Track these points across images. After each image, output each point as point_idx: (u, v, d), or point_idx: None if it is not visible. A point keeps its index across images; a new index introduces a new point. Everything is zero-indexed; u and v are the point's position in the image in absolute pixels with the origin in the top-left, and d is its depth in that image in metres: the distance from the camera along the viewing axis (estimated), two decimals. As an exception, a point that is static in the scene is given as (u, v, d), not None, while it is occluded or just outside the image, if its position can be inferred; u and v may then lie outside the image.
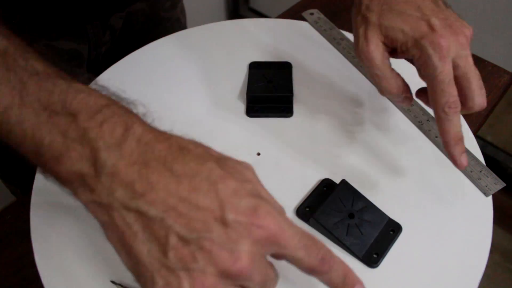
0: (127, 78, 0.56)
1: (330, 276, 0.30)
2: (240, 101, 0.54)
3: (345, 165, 0.48)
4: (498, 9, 1.26)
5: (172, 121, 0.52)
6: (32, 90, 0.29)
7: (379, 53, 0.41)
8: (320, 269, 0.30)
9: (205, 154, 0.30)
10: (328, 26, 0.64)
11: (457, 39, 0.39)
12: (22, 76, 0.29)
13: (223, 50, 0.59)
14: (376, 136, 0.51)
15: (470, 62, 0.40)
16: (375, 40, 0.40)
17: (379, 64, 0.41)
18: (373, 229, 0.42)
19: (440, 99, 0.38)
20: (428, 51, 0.38)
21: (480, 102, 0.39)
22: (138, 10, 0.69)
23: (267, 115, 0.52)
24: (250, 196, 0.28)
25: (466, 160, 0.39)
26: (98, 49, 0.67)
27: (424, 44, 0.39)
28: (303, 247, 0.29)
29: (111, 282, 0.40)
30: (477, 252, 0.42)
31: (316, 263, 0.29)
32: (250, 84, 0.54)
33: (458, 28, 0.40)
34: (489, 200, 0.46)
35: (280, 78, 0.54)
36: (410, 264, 0.41)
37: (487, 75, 0.65)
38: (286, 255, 0.29)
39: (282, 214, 0.29)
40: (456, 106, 0.38)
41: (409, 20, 0.40)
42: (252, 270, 0.27)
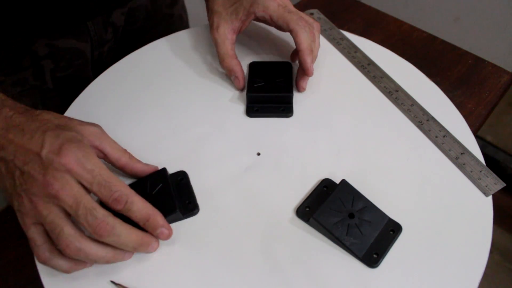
0: (127, 78, 0.56)
1: (130, 216, 0.39)
2: (240, 101, 0.54)
3: (345, 165, 0.48)
4: (498, 9, 1.26)
5: (171, 120, 0.52)
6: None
7: (223, 38, 0.53)
8: (114, 207, 0.38)
9: (51, 118, 0.41)
10: (328, 26, 0.64)
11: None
12: None
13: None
14: (376, 136, 0.51)
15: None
16: (222, 28, 0.53)
17: (221, 45, 0.53)
18: (373, 229, 0.42)
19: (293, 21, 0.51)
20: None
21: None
22: (140, 6, 0.69)
23: (267, 115, 0.52)
24: (65, 139, 0.38)
25: (313, 69, 0.52)
26: (101, 48, 0.67)
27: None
28: (97, 183, 0.38)
29: (111, 282, 0.40)
30: (477, 252, 0.42)
31: (109, 201, 0.38)
32: (250, 84, 0.53)
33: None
34: (489, 200, 0.46)
35: (280, 78, 0.54)
36: (410, 264, 0.41)
37: (487, 75, 0.65)
38: (88, 189, 0.38)
39: (86, 155, 0.38)
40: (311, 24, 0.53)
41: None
42: (62, 194, 0.36)
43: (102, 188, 0.38)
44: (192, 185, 0.46)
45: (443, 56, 0.68)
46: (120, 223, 0.38)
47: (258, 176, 0.47)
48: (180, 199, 0.45)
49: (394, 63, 0.58)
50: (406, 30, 0.72)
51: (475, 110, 0.61)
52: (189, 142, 0.50)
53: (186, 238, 0.43)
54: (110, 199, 0.38)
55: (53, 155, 0.37)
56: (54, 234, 0.37)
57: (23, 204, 0.38)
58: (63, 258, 0.39)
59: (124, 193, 0.38)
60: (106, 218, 0.37)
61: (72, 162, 0.37)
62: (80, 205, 0.37)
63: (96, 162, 0.39)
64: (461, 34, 1.32)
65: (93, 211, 0.37)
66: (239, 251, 0.42)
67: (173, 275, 0.41)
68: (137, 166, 0.44)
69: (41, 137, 0.38)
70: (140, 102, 0.54)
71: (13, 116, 0.40)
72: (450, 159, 0.49)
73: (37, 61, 0.61)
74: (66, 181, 0.37)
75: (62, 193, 0.37)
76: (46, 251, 0.38)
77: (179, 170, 0.47)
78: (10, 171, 0.39)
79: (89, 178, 0.38)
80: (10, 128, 0.39)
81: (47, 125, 0.40)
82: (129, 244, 0.39)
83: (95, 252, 0.38)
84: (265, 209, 0.45)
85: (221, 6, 0.54)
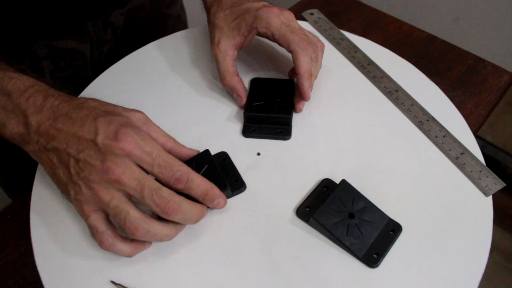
0: (126, 79, 0.56)
1: (189, 193, 0.40)
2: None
3: (345, 165, 0.48)
4: (498, 9, 1.26)
5: (171, 120, 0.52)
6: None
7: (224, 54, 0.52)
8: (176, 186, 0.39)
9: (97, 105, 0.41)
10: (328, 26, 0.64)
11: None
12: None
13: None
14: (376, 136, 0.51)
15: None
16: (223, 43, 0.52)
17: (221, 62, 0.52)
18: (373, 229, 0.42)
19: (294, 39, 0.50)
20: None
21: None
22: (139, 7, 0.69)
23: (264, 137, 0.50)
24: (118, 124, 0.38)
25: (310, 94, 0.50)
26: (100, 49, 0.67)
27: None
28: (157, 165, 0.38)
29: (111, 282, 0.40)
30: (477, 252, 0.42)
31: (171, 181, 0.39)
32: (249, 103, 0.52)
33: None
34: (489, 200, 0.46)
35: (281, 97, 0.52)
36: (410, 264, 0.41)
37: (487, 75, 0.65)
38: (147, 171, 0.38)
39: (143, 138, 0.38)
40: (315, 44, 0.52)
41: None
42: (123, 177, 0.37)
43: (163, 169, 0.38)
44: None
45: (443, 56, 0.68)
46: (185, 200, 0.39)
47: (258, 176, 0.47)
48: (227, 177, 0.46)
49: (394, 63, 0.58)
50: (406, 30, 0.72)
51: (475, 110, 0.61)
52: (189, 142, 0.50)
53: (186, 238, 0.43)
54: (172, 179, 0.39)
55: (110, 140, 0.37)
56: (121, 218, 0.37)
57: (82, 192, 0.38)
58: (125, 242, 0.40)
59: (184, 172, 0.39)
60: (173, 196, 0.38)
61: (132, 146, 0.37)
62: (145, 186, 0.37)
63: (153, 144, 0.39)
64: (461, 34, 1.32)
65: (159, 191, 0.38)
66: (239, 251, 0.42)
67: (173, 275, 0.41)
68: (183, 150, 0.45)
69: (93, 124, 0.38)
70: (139, 102, 0.54)
71: (60, 105, 0.40)
72: (450, 159, 0.49)
73: (36, 62, 0.61)
74: (126, 165, 0.37)
75: (125, 177, 0.37)
76: (110, 237, 0.39)
77: (221, 151, 0.48)
78: (63, 161, 0.39)
79: (149, 160, 0.38)
80: (58, 117, 0.40)
81: (96, 111, 0.40)
82: (193, 218, 0.40)
83: (161, 231, 0.39)
84: (265, 209, 0.45)
85: (223, 21, 0.52)
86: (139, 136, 0.38)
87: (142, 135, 0.39)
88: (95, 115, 0.39)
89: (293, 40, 0.49)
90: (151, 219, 0.38)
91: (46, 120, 0.40)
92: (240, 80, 0.52)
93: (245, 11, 0.51)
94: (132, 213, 0.37)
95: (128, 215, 0.37)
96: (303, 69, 0.49)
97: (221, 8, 0.53)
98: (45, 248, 0.42)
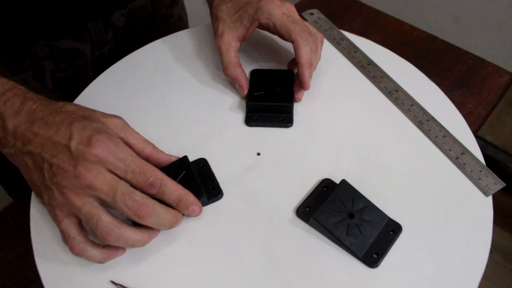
0: (127, 78, 0.56)
1: (163, 198, 0.40)
2: (242, 97, 0.54)
3: (345, 165, 0.48)
4: (498, 9, 1.26)
5: (171, 121, 0.52)
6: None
7: (227, 45, 0.53)
8: (150, 192, 0.39)
9: (75, 110, 0.41)
10: (328, 26, 0.64)
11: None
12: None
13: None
14: (376, 136, 0.51)
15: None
16: (226, 35, 0.53)
17: (224, 53, 0.53)
18: (373, 229, 0.42)
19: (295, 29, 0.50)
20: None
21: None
22: (140, 7, 0.69)
23: (266, 125, 0.51)
24: (93, 130, 0.38)
25: (310, 83, 0.51)
26: (101, 49, 0.67)
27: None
28: (131, 171, 0.38)
29: (111, 282, 0.40)
30: (477, 252, 0.42)
31: (144, 187, 0.39)
32: (250, 93, 0.53)
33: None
34: (489, 200, 0.46)
35: (281, 87, 0.53)
36: (410, 264, 0.41)
37: (487, 75, 0.65)
38: (121, 177, 0.38)
39: (116, 145, 0.39)
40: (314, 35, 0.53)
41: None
42: (95, 183, 0.37)
43: (137, 175, 0.39)
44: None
45: (443, 56, 0.68)
46: (158, 204, 0.39)
47: (258, 176, 0.47)
48: (204, 185, 0.45)
49: (394, 63, 0.58)
50: (406, 30, 0.72)
51: (475, 110, 0.61)
52: (189, 142, 0.50)
53: (186, 238, 0.43)
54: (145, 184, 0.39)
55: (83, 146, 0.37)
56: (92, 223, 0.37)
57: (54, 197, 0.38)
58: (97, 248, 0.39)
59: (158, 177, 0.39)
60: (145, 200, 0.38)
61: (105, 152, 0.37)
62: (117, 190, 0.37)
63: (126, 150, 0.39)
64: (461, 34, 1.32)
65: (131, 195, 0.38)
66: (239, 251, 0.42)
67: (173, 275, 0.41)
68: (161, 156, 0.45)
69: (68, 129, 0.38)
70: (139, 102, 0.54)
71: (37, 109, 0.40)
72: (450, 159, 0.49)
73: (37, 62, 0.61)
74: (98, 171, 0.37)
75: (96, 182, 0.37)
76: (81, 243, 0.39)
77: (199, 158, 0.48)
78: (37, 165, 0.39)
79: (122, 167, 0.38)
80: (35, 121, 0.40)
81: (72, 116, 0.40)
82: (166, 223, 0.40)
83: (133, 236, 0.39)
84: (265, 209, 0.45)
85: (225, 13, 0.54)
86: (112, 142, 0.38)
87: (115, 142, 0.39)
88: (71, 119, 0.39)
89: (294, 30, 0.50)
90: (124, 224, 0.38)
91: (23, 124, 0.40)
92: (243, 71, 0.53)
93: (247, 3, 0.52)
94: (104, 218, 0.37)
95: (100, 220, 0.37)
96: (304, 59, 0.50)
97: (223, 1, 0.54)
98: (45, 248, 0.42)
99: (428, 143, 0.50)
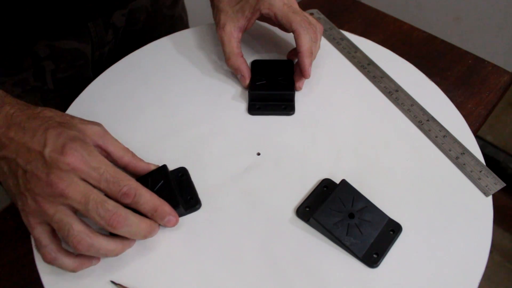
0: (127, 78, 0.56)
1: (138, 208, 0.39)
2: (241, 99, 0.54)
3: (345, 165, 0.48)
4: (498, 9, 1.26)
5: (171, 120, 0.52)
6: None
7: (229, 36, 0.53)
8: (123, 201, 0.39)
9: (52, 116, 0.40)
10: (328, 26, 0.64)
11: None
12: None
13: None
14: (376, 136, 0.51)
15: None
16: (228, 26, 0.53)
17: (227, 44, 0.53)
18: (373, 229, 0.42)
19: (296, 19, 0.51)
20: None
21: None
22: (140, 7, 0.69)
23: (268, 113, 0.52)
24: (67, 138, 0.38)
25: (310, 72, 0.52)
26: (101, 49, 0.67)
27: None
28: (104, 180, 0.38)
29: (111, 282, 0.40)
30: (477, 252, 0.42)
31: (118, 196, 0.38)
32: (252, 82, 0.54)
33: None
34: (489, 200, 0.46)
35: (282, 76, 0.54)
36: (410, 264, 0.41)
37: (487, 75, 0.65)
38: (95, 186, 0.38)
39: (90, 153, 0.38)
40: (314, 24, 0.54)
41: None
42: (67, 191, 0.36)
43: (111, 184, 0.38)
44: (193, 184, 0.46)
45: (443, 56, 0.68)
46: (131, 213, 0.38)
47: (258, 176, 0.47)
48: (182, 195, 0.45)
49: (394, 63, 0.58)
50: (406, 30, 0.72)
51: (475, 110, 0.61)
52: (189, 142, 0.50)
53: (185, 238, 0.43)
54: (119, 194, 0.38)
55: (56, 154, 0.37)
56: (64, 232, 0.37)
57: (27, 203, 0.37)
58: (69, 257, 0.39)
59: (132, 187, 0.39)
60: (118, 209, 0.38)
61: (78, 161, 0.37)
62: (90, 199, 0.37)
63: (101, 159, 0.39)
64: (461, 34, 1.32)
65: (104, 204, 0.37)
66: (239, 251, 0.42)
67: (173, 275, 0.41)
68: (140, 164, 0.44)
69: (43, 135, 0.38)
70: (140, 102, 0.54)
71: (14, 114, 0.40)
72: (450, 159, 0.49)
73: (38, 62, 0.61)
74: (71, 180, 0.37)
75: (69, 191, 0.36)
76: (52, 252, 0.38)
77: (179, 167, 0.47)
78: (12, 170, 0.38)
79: (96, 176, 0.38)
80: (11, 126, 0.39)
81: (49, 122, 0.39)
82: (140, 233, 0.39)
83: (106, 246, 0.38)
84: (265, 209, 0.45)
85: (227, 5, 0.54)
86: (86, 151, 0.38)
87: (89, 150, 0.38)
88: (47, 126, 0.39)
89: (295, 20, 0.51)
90: (96, 233, 0.38)
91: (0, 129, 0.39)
92: (245, 61, 0.54)
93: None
94: (75, 226, 0.37)
95: (71, 228, 0.37)
96: (305, 47, 0.51)
97: None
98: (45, 248, 0.42)
99: (428, 143, 0.50)
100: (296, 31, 0.51)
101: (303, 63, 0.51)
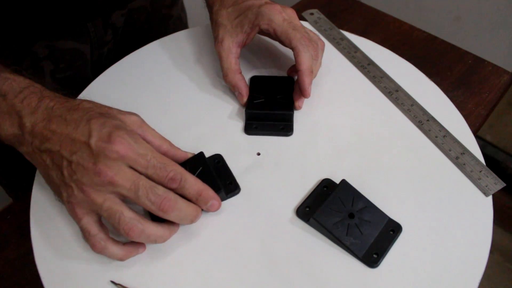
0: (126, 78, 0.56)
1: (183, 193, 0.40)
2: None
3: (345, 165, 0.48)
4: (498, 9, 1.26)
5: (171, 120, 0.52)
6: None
7: (228, 52, 0.52)
8: (170, 186, 0.39)
9: (93, 107, 0.41)
10: (328, 26, 0.64)
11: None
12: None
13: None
14: (376, 136, 0.51)
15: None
16: (226, 41, 0.52)
17: (225, 60, 0.52)
18: (373, 229, 0.42)
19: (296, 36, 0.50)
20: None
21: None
22: (139, 7, 0.69)
23: (266, 133, 0.51)
24: (112, 127, 0.38)
25: (310, 91, 0.50)
26: (101, 49, 0.67)
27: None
28: (151, 166, 0.38)
29: (111, 282, 0.40)
30: (477, 252, 0.42)
31: (165, 181, 0.39)
32: (250, 100, 0.52)
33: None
34: (489, 200, 0.46)
35: (282, 94, 0.52)
36: (410, 264, 0.41)
37: (487, 75, 0.65)
38: (141, 173, 0.38)
39: (137, 141, 0.39)
40: (315, 41, 0.53)
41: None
42: (116, 179, 0.37)
43: (158, 170, 0.39)
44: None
45: (443, 56, 0.68)
46: (180, 198, 0.39)
47: (258, 176, 0.47)
48: (221, 180, 0.45)
49: (394, 63, 0.58)
50: (406, 30, 0.72)
51: (475, 110, 0.61)
52: (189, 142, 0.50)
53: (186, 238, 0.43)
54: (166, 179, 0.39)
55: (103, 143, 0.37)
56: (115, 219, 0.37)
57: (74, 194, 0.38)
58: (117, 245, 0.39)
59: (178, 172, 0.39)
60: (168, 194, 0.38)
61: (126, 149, 0.37)
62: (139, 185, 0.37)
63: (146, 146, 0.39)
64: (461, 34, 1.32)
65: (154, 189, 0.38)
66: (239, 251, 0.42)
67: (173, 275, 0.41)
68: (178, 152, 0.45)
69: (86, 126, 0.38)
70: (139, 102, 0.54)
71: (54, 106, 0.40)
72: (450, 159, 0.49)
73: (37, 62, 0.61)
74: (119, 167, 0.37)
75: (118, 178, 0.37)
76: (102, 240, 0.39)
77: (215, 154, 0.48)
78: (56, 162, 0.39)
79: (143, 163, 0.38)
80: (53, 118, 0.40)
81: (90, 113, 0.40)
82: (188, 217, 0.40)
83: (156, 231, 0.39)
84: (265, 209, 0.45)
85: (225, 19, 0.53)
86: (132, 138, 0.38)
87: (135, 138, 0.39)
88: (89, 117, 0.39)
89: (295, 37, 0.50)
90: (146, 219, 0.38)
91: (41, 122, 0.40)
92: (243, 78, 0.53)
93: (247, 8, 0.52)
94: (126, 213, 0.37)
95: (123, 215, 0.37)
96: (304, 66, 0.49)
97: (223, 6, 0.54)
98: (45, 248, 0.42)
99: (428, 143, 0.50)
100: (295, 49, 0.49)
101: (303, 82, 0.49)
